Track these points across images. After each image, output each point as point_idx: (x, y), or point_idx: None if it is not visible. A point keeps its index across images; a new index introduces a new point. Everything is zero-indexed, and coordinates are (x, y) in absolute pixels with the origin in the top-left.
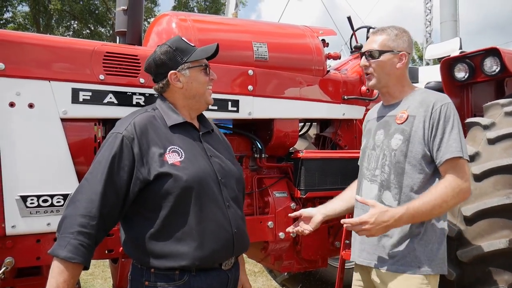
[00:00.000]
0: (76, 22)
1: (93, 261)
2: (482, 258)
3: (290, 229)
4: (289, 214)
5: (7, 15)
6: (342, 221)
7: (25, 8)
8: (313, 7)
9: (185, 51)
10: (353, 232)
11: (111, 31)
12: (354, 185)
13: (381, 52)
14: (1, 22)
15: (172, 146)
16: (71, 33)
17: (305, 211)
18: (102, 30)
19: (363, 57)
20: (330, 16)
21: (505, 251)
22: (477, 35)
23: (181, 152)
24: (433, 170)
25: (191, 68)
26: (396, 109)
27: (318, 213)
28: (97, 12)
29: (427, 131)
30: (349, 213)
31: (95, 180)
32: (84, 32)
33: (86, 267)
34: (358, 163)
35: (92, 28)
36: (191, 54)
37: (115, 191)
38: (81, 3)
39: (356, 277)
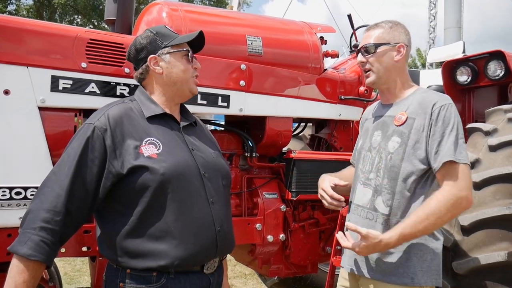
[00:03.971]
0: (79, 17)
1: (80, 258)
2: (479, 270)
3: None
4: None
5: (11, 7)
6: (338, 236)
7: (29, 1)
8: (317, 12)
9: (166, 36)
10: None
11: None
12: (351, 169)
13: (377, 46)
14: (5, 15)
15: (149, 138)
16: None
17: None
18: (106, 25)
19: (359, 53)
20: (334, 21)
21: (503, 264)
22: (480, 44)
23: (158, 144)
24: (428, 177)
25: (172, 53)
26: (395, 109)
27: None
28: (101, 7)
29: (426, 134)
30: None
31: (63, 173)
32: (87, 27)
33: (48, 266)
34: (351, 161)
35: (96, 24)
36: (172, 39)
37: (84, 185)
38: None
39: (342, 282)
